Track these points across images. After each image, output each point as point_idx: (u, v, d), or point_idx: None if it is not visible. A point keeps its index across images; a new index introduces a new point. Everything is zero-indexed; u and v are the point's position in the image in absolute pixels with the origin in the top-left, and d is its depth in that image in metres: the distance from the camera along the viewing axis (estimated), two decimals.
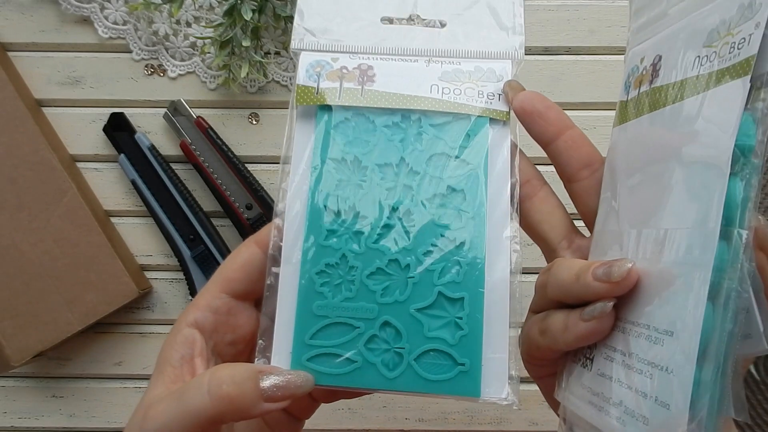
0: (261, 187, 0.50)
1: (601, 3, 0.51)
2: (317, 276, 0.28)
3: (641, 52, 0.26)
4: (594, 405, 0.24)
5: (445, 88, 0.30)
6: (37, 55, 0.51)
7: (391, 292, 0.28)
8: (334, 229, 0.29)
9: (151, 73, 0.51)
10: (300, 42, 0.32)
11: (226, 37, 0.47)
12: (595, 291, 0.23)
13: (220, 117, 0.51)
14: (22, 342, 0.47)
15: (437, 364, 0.28)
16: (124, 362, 0.52)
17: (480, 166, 0.29)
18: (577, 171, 0.28)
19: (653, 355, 0.21)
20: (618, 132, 0.27)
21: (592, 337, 0.24)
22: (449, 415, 0.53)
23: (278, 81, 0.51)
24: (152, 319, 0.52)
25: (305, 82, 0.30)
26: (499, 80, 0.31)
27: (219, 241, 0.51)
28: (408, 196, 0.29)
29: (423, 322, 0.28)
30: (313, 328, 0.28)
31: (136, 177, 0.50)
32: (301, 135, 0.30)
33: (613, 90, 0.51)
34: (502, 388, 0.27)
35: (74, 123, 0.51)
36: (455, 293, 0.28)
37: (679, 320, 0.20)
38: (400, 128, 0.30)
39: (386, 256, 0.29)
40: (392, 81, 0.30)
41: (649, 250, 0.22)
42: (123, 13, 0.50)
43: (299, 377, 0.26)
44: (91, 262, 0.47)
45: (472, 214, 0.29)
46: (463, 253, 0.29)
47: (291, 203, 0.29)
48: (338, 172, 0.30)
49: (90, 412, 0.52)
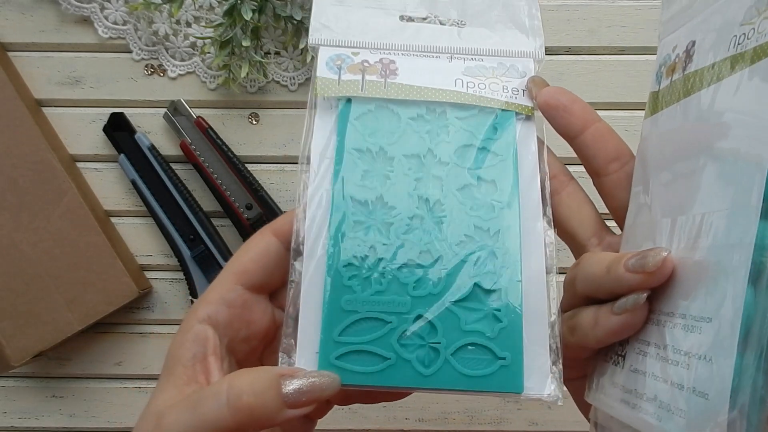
0: (261, 187, 0.50)
1: (601, 3, 0.51)
2: (345, 269, 0.27)
3: (673, 41, 0.25)
4: (627, 403, 0.23)
5: (470, 82, 0.29)
6: (37, 55, 0.51)
7: (423, 284, 0.27)
8: (361, 220, 0.27)
9: (151, 73, 0.51)
10: (318, 38, 0.30)
11: (226, 37, 0.47)
12: (628, 283, 0.22)
13: (220, 117, 0.51)
14: (22, 342, 0.47)
15: (476, 359, 0.26)
16: (124, 362, 0.52)
17: (509, 157, 0.29)
18: (605, 165, 0.27)
19: (690, 344, 0.20)
20: (649, 124, 0.26)
21: (625, 332, 0.23)
22: (449, 415, 0.53)
23: (278, 81, 0.51)
24: (152, 319, 0.52)
25: (326, 74, 0.29)
26: (522, 76, 0.30)
27: (219, 241, 0.51)
28: (438, 186, 0.28)
29: (459, 315, 0.26)
30: (342, 324, 0.26)
31: (136, 177, 0.50)
32: (322, 127, 0.29)
33: (613, 90, 0.51)
34: (545, 383, 0.26)
35: (74, 123, 0.51)
36: (491, 284, 0.27)
37: (718, 305, 0.19)
38: (426, 120, 0.29)
39: (417, 247, 0.27)
40: (416, 75, 0.29)
41: (685, 238, 0.21)
42: (123, 13, 0.50)
43: (324, 379, 0.24)
44: (91, 262, 0.47)
45: (505, 204, 0.28)
46: (498, 243, 0.27)
47: (313, 195, 0.27)
48: (363, 162, 0.28)
49: (90, 412, 0.52)
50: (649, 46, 0.51)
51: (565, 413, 0.53)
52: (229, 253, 0.51)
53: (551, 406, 0.52)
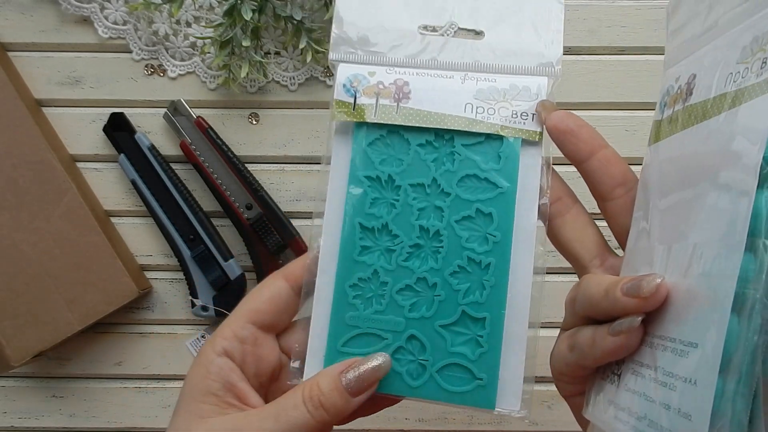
0: (261, 187, 0.50)
1: (601, 3, 0.51)
2: (350, 289, 0.30)
3: (676, 72, 0.26)
4: (620, 420, 0.24)
5: (479, 107, 0.30)
6: (37, 55, 0.51)
7: (418, 308, 0.30)
8: (368, 246, 0.31)
9: (151, 73, 0.51)
10: (338, 53, 0.32)
11: (226, 37, 0.47)
12: (624, 306, 0.23)
13: (220, 117, 0.51)
14: (22, 342, 0.47)
15: (457, 377, 0.30)
16: (124, 362, 0.52)
17: (509, 189, 0.30)
18: (611, 190, 0.28)
19: (678, 367, 0.21)
20: (651, 151, 0.27)
21: (620, 353, 0.24)
22: (449, 415, 0.53)
23: (278, 81, 0.51)
24: (152, 319, 0.52)
25: (342, 97, 0.31)
26: (533, 99, 0.31)
27: (219, 241, 0.51)
28: (438, 217, 0.30)
29: (446, 338, 0.30)
30: (345, 336, 0.30)
31: (136, 177, 0.50)
32: (339, 150, 0.31)
33: (613, 90, 0.51)
34: (516, 402, 0.30)
35: (74, 123, 0.51)
36: (478, 313, 0.30)
37: (704, 332, 0.20)
38: (433, 147, 0.31)
39: (415, 274, 0.30)
40: (427, 98, 0.31)
41: (678, 265, 0.22)
42: (123, 13, 0.50)
43: (371, 362, 0.28)
44: (91, 262, 0.47)
45: (499, 239, 0.30)
46: (487, 275, 0.30)
47: (328, 217, 0.31)
48: (373, 190, 0.31)
49: (90, 412, 0.53)
50: (649, 46, 0.51)
51: (565, 414, 0.53)
52: (229, 253, 0.51)
53: (551, 407, 0.52)
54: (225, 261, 0.50)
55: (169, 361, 0.52)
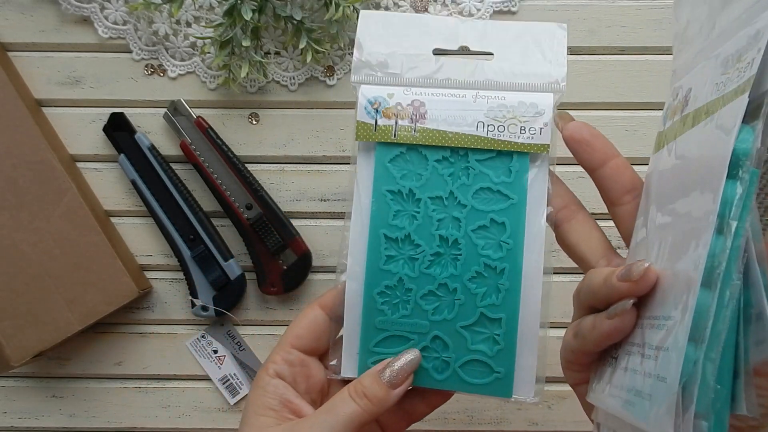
0: (261, 187, 0.50)
1: (601, 3, 0.51)
2: (378, 296, 0.33)
3: (678, 88, 0.29)
4: (614, 396, 0.27)
5: (490, 125, 0.33)
6: (37, 55, 0.51)
7: (440, 311, 0.33)
8: (392, 255, 0.33)
9: (151, 73, 0.51)
10: (359, 76, 0.34)
11: (226, 37, 0.47)
12: (619, 291, 0.26)
13: (220, 117, 0.51)
14: (22, 342, 0.47)
15: (478, 371, 0.33)
16: (124, 362, 0.52)
17: (520, 200, 0.33)
18: (620, 196, 0.31)
19: (658, 339, 0.24)
20: (652, 160, 0.30)
21: (616, 335, 0.26)
22: (449, 415, 0.53)
23: (278, 81, 0.51)
24: (152, 319, 0.52)
25: (364, 119, 0.34)
26: (540, 114, 0.33)
27: (219, 241, 0.51)
28: (456, 227, 0.33)
29: (467, 337, 0.33)
30: (376, 338, 0.33)
31: (136, 177, 0.50)
32: (363, 166, 0.34)
33: (613, 90, 0.51)
34: (530, 391, 0.33)
35: (74, 123, 0.51)
36: (495, 314, 0.33)
37: (678, 305, 0.23)
38: (450, 162, 0.33)
39: (437, 280, 0.33)
40: (442, 118, 0.33)
41: (666, 254, 0.25)
42: (123, 13, 0.50)
43: (404, 357, 0.32)
44: (91, 262, 0.47)
45: (512, 245, 0.33)
46: (502, 279, 0.33)
47: (354, 228, 0.34)
48: (395, 203, 0.33)
49: (90, 412, 0.53)
50: (649, 46, 0.51)
51: (565, 413, 0.53)
52: (229, 253, 0.51)
53: (551, 407, 0.52)
54: (225, 261, 0.50)
55: (169, 361, 0.52)
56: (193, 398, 0.53)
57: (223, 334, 0.52)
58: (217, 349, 0.52)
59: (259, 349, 0.52)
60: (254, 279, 0.51)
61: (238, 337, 0.52)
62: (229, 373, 0.52)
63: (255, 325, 0.52)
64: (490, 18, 0.51)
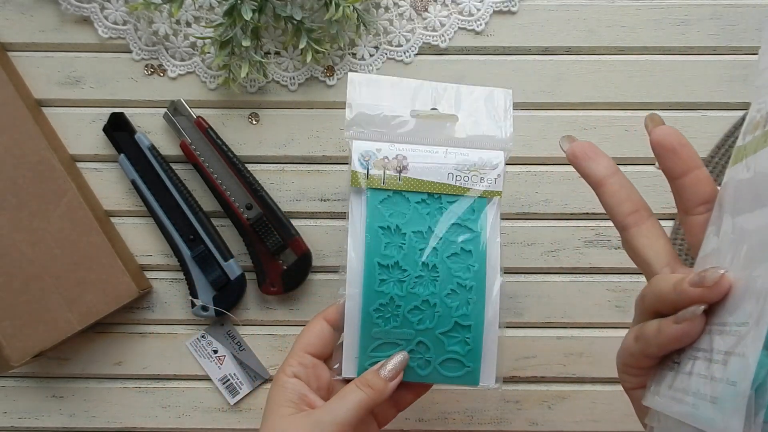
0: (261, 187, 0.50)
1: (601, 3, 0.51)
2: (374, 312, 0.41)
3: (760, 105, 0.28)
4: (674, 399, 0.27)
5: (458, 176, 0.42)
6: (37, 55, 0.51)
7: (423, 321, 0.41)
8: (384, 279, 0.41)
9: (151, 73, 0.51)
10: (351, 132, 0.42)
11: (226, 37, 0.47)
12: (690, 296, 0.26)
13: (220, 117, 0.51)
14: (22, 342, 0.47)
15: (452, 367, 0.41)
16: (124, 362, 0.52)
17: (481, 232, 0.41)
18: (694, 206, 0.30)
19: (729, 345, 0.24)
20: (730, 172, 0.29)
21: (684, 340, 0.26)
22: (449, 415, 0.53)
23: (278, 81, 0.51)
24: (152, 319, 0.52)
25: (358, 169, 0.41)
26: (494, 168, 0.42)
27: (219, 241, 0.51)
28: (434, 255, 0.41)
29: (444, 341, 0.41)
30: (372, 345, 0.41)
31: (136, 177, 0.50)
32: (355, 206, 0.42)
33: (613, 90, 0.51)
34: (492, 379, 0.42)
35: (74, 123, 0.51)
36: (466, 322, 0.41)
37: (753, 312, 0.23)
38: (427, 204, 0.42)
39: (420, 297, 0.41)
40: (420, 169, 0.41)
41: (741, 263, 0.25)
42: (123, 13, 0.50)
43: (396, 358, 0.40)
44: (91, 262, 0.47)
45: (477, 267, 0.41)
46: (471, 295, 0.41)
47: (351, 256, 0.41)
48: (386, 237, 0.41)
49: (90, 412, 0.53)
50: (649, 46, 0.51)
51: (565, 414, 0.53)
52: (229, 253, 0.51)
53: (551, 407, 0.52)
54: (225, 261, 0.50)
55: (169, 361, 0.52)
56: (193, 398, 0.53)
57: (223, 334, 0.52)
58: (217, 349, 0.52)
59: (259, 349, 0.52)
60: (254, 279, 0.51)
61: (238, 337, 0.52)
62: (229, 373, 0.52)
63: (255, 325, 0.52)
64: (490, 18, 0.51)
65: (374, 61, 0.51)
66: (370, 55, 0.51)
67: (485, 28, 0.51)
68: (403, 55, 0.51)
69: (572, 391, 0.53)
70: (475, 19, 0.51)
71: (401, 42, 0.51)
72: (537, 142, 0.51)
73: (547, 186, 0.52)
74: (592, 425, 0.53)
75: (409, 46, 0.51)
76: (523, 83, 0.51)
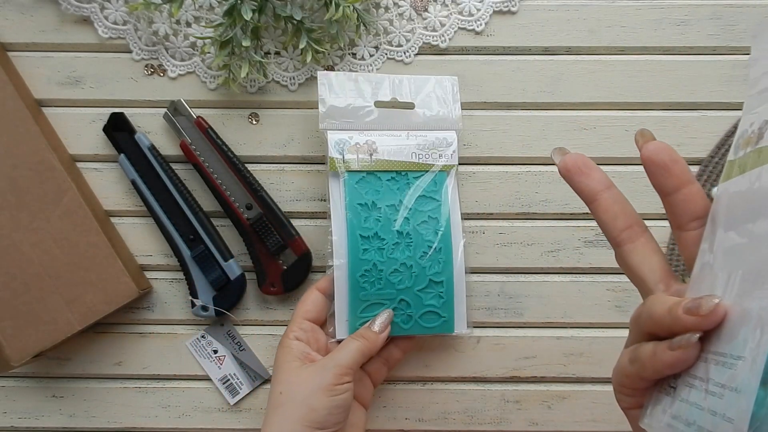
0: (261, 187, 0.50)
1: (601, 3, 0.51)
2: (360, 278, 0.47)
3: (751, 119, 0.28)
4: (672, 427, 0.27)
5: (420, 154, 0.49)
6: (37, 55, 0.51)
7: (403, 282, 0.48)
8: (366, 248, 0.47)
9: (151, 73, 0.51)
10: (326, 124, 0.48)
11: (226, 37, 0.47)
12: (684, 324, 0.25)
13: (220, 117, 0.51)
14: (22, 342, 0.47)
15: (431, 319, 0.48)
16: (124, 362, 0.52)
17: (444, 201, 0.49)
18: (687, 222, 0.30)
19: (726, 378, 0.24)
20: (722, 188, 0.29)
21: (678, 366, 0.26)
22: (449, 415, 0.53)
23: (278, 81, 0.51)
24: (152, 319, 0.52)
25: (334, 155, 0.48)
26: (449, 145, 0.49)
27: (219, 241, 0.51)
28: (407, 224, 0.48)
29: (422, 297, 0.48)
30: (360, 307, 0.47)
31: (136, 177, 0.50)
32: (335, 188, 0.48)
33: (613, 90, 0.51)
34: (464, 327, 0.49)
35: (74, 123, 0.51)
36: (438, 278, 0.48)
37: (749, 345, 0.23)
38: (396, 180, 0.49)
39: (398, 261, 0.48)
40: (388, 151, 0.48)
41: (736, 289, 0.25)
42: (123, 13, 0.50)
43: (383, 315, 0.47)
44: (91, 262, 0.47)
45: (444, 231, 0.48)
46: (440, 255, 0.48)
47: (335, 230, 0.48)
48: (364, 212, 0.48)
49: (90, 412, 0.53)
50: (649, 46, 0.51)
51: (565, 414, 0.53)
52: (229, 253, 0.51)
53: (551, 407, 0.52)
54: (225, 261, 0.50)
55: (169, 361, 0.52)
56: (193, 398, 0.53)
57: (223, 334, 0.52)
58: (217, 349, 0.52)
59: (259, 349, 0.52)
60: (254, 279, 0.51)
61: (238, 337, 0.52)
62: (229, 373, 0.52)
63: (255, 325, 0.52)
64: (490, 18, 0.51)
65: (374, 61, 0.51)
66: (370, 55, 0.51)
67: (485, 28, 0.51)
68: (403, 55, 0.51)
69: (572, 391, 0.53)
70: (475, 19, 0.51)
71: (401, 42, 0.51)
72: (537, 142, 0.51)
73: (547, 186, 0.52)
74: (592, 425, 0.53)
75: (409, 46, 0.51)
76: (523, 83, 0.51)
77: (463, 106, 0.51)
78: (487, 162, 0.52)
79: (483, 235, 0.52)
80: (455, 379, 0.53)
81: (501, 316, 0.52)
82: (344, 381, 0.43)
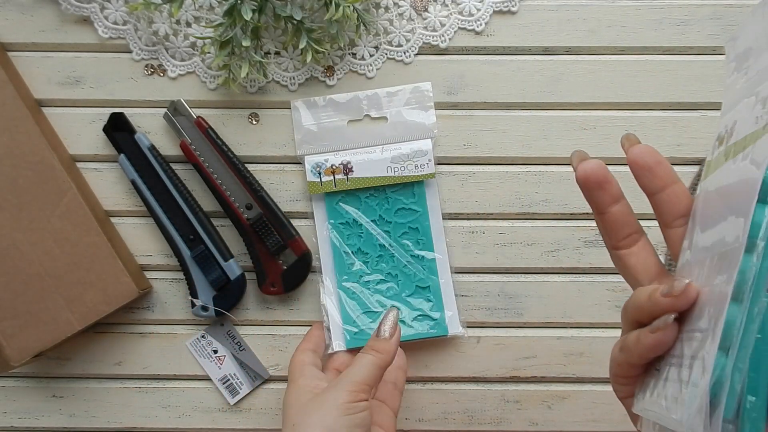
0: (261, 187, 0.50)
1: (601, 3, 0.51)
2: (348, 290, 0.50)
3: (726, 120, 0.30)
4: (655, 404, 0.28)
5: (395, 167, 0.50)
6: (37, 55, 0.51)
7: (391, 290, 0.51)
8: (352, 262, 0.51)
9: (151, 73, 0.51)
10: (302, 150, 0.50)
11: (226, 37, 0.47)
12: (662, 306, 0.27)
13: (220, 117, 0.51)
14: (22, 342, 0.47)
15: (422, 322, 0.51)
16: (124, 362, 0.52)
17: (424, 211, 0.51)
18: (672, 220, 0.32)
19: (694, 349, 0.26)
20: (700, 187, 0.31)
21: (659, 347, 0.28)
22: (449, 415, 0.53)
23: (278, 81, 0.51)
24: (152, 319, 0.52)
25: (312, 179, 0.50)
26: (424, 154, 0.50)
27: (219, 241, 0.51)
28: (388, 237, 0.51)
29: (411, 302, 0.51)
30: (354, 315, 0.50)
31: (136, 177, 0.50)
32: (318, 209, 0.51)
33: (613, 90, 0.51)
34: (459, 328, 0.51)
35: (74, 123, 0.51)
36: (424, 284, 0.51)
37: (712, 318, 0.24)
38: (375, 196, 0.51)
39: (384, 271, 0.51)
40: (364, 168, 0.50)
41: (705, 273, 0.27)
42: (123, 13, 0.50)
43: (388, 316, 0.44)
44: (91, 262, 0.47)
45: (425, 240, 0.51)
46: (423, 262, 0.51)
47: (321, 247, 0.51)
48: (345, 229, 0.51)
49: (90, 412, 0.53)
50: (649, 46, 0.51)
51: (565, 414, 0.53)
52: (229, 253, 0.51)
53: (551, 407, 0.52)
54: (225, 261, 0.50)
55: (169, 361, 0.52)
56: (193, 398, 0.53)
57: (223, 334, 0.52)
58: (217, 349, 0.52)
59: (259, 349, 0.52)
60: (254, 279, 0.51)
61: (238, 337, 0.52)
62: (229, 373, 0.52)
63: (255, 325, 0.52)
64: (490, 18, 0.51)
65: (374, 61, 0.51)
66: (370, 55, 0.51)
67: (485, 28, 0.51)
68: (403, 55, 0.51)
69: (572, 391, 0.53)
70: (475, 19, 0.51)
71: (401, 42, 0.51)
72: (537, 142, 0.51)
73: (547, 186, 0.52)
74: (592, 425, 0.53)
75: (409, 46, 0.51)
76: (523, 83, 0.51)
77: (463, 106, 0.51)
78: (487, 162, 0.52)
79: (483, 235, 0.52)
80: (455, 379, 0.53)
81: (501, 316, 0.52)
82: (360, 398, 0.40)
